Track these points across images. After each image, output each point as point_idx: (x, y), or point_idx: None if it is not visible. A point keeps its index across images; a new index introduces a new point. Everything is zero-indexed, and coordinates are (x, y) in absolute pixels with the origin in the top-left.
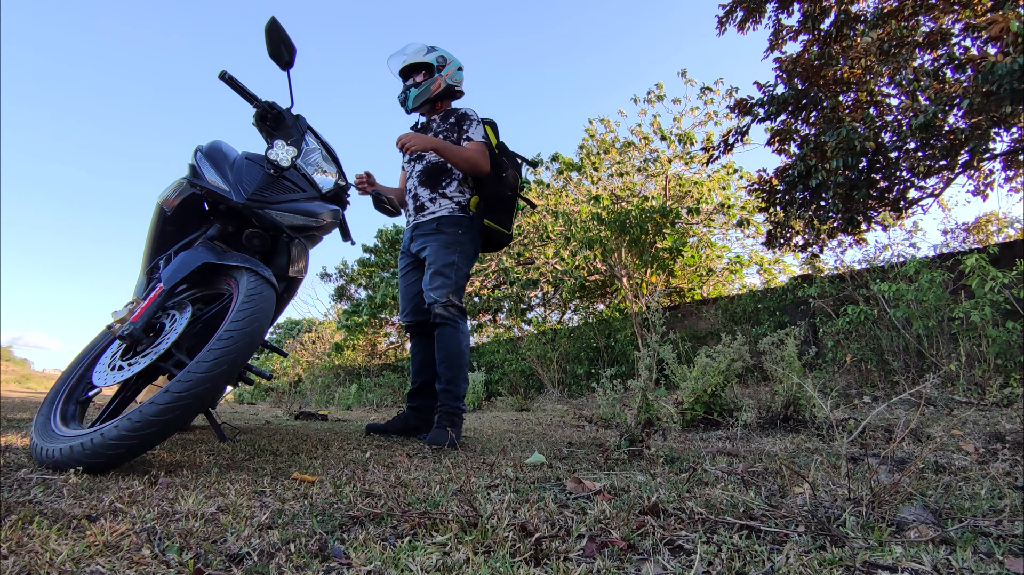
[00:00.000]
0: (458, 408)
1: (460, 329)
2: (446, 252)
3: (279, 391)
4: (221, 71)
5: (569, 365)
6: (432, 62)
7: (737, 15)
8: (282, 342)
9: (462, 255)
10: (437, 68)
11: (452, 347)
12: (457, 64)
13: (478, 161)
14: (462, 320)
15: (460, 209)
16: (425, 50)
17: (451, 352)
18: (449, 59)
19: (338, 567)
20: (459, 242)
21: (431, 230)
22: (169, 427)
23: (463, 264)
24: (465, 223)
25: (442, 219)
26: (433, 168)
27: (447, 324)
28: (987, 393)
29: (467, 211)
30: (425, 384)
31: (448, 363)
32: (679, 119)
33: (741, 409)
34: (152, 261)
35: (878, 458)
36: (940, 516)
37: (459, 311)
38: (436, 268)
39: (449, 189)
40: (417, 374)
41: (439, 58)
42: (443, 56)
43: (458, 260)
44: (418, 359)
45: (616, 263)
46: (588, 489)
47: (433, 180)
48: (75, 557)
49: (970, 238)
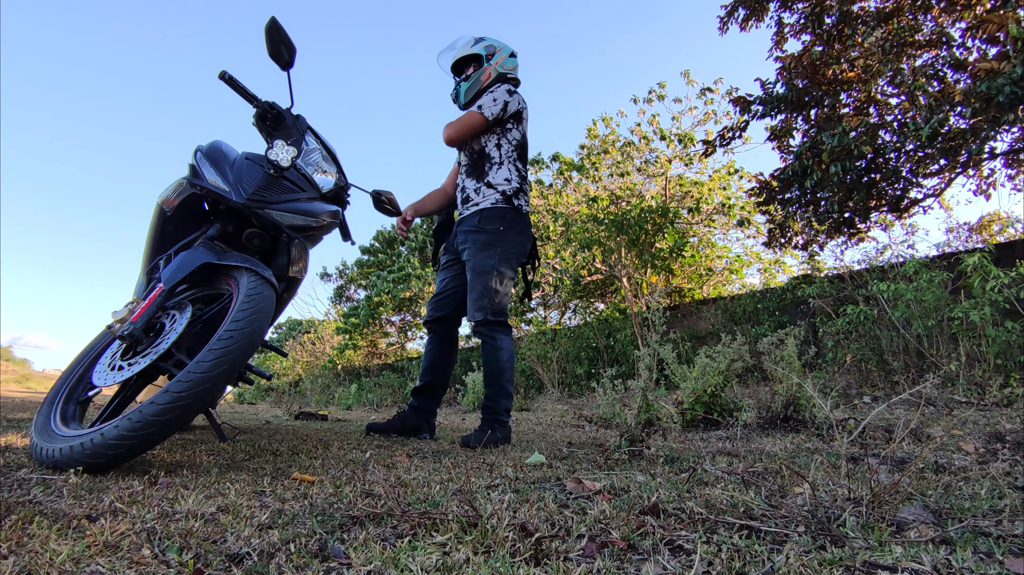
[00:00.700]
0: (499, 419)
1: (499, 345)
2: (485, 256)
3: (279, 391)
4: (221, 71)
5: (569, 365)
6: (481, 52)
7: (739, 13)
8: (283, 343)
9: (504, 256)
10: (486, 58)
11: (492, 364)
12: (508, 51)
13: (446, 128)
14: (502, 335)
15: (504, 199)
16: (473, 41)
17: (491, 369)
18: (499, 47)
19: (338, 567)
20: (500, 240)
21: (473, 226)
22: (169, 427)
23: (505, 267)
24: (510, 216)
25: (484, 212)
26: (476, 156)
27: (485, 341)
28: (987, 393)
29: (511, 202)
30: (429, 385)
31: (488, 380)
32: (679, 118)
33: (741, 409)
34: (152, 261)
35: (878, 458)
36: (940, 516)
37: (499, 326)
38: (474, 280)
39: (494, 177)
40: (424, 372)
41: (488, 47)
42: (492, 45)
43: (498, 263)
44: (428, 357)
45: (616, 263)
46: (588, 489)
47: (478, 169)
48: (75, 557)
49: (974, 237)
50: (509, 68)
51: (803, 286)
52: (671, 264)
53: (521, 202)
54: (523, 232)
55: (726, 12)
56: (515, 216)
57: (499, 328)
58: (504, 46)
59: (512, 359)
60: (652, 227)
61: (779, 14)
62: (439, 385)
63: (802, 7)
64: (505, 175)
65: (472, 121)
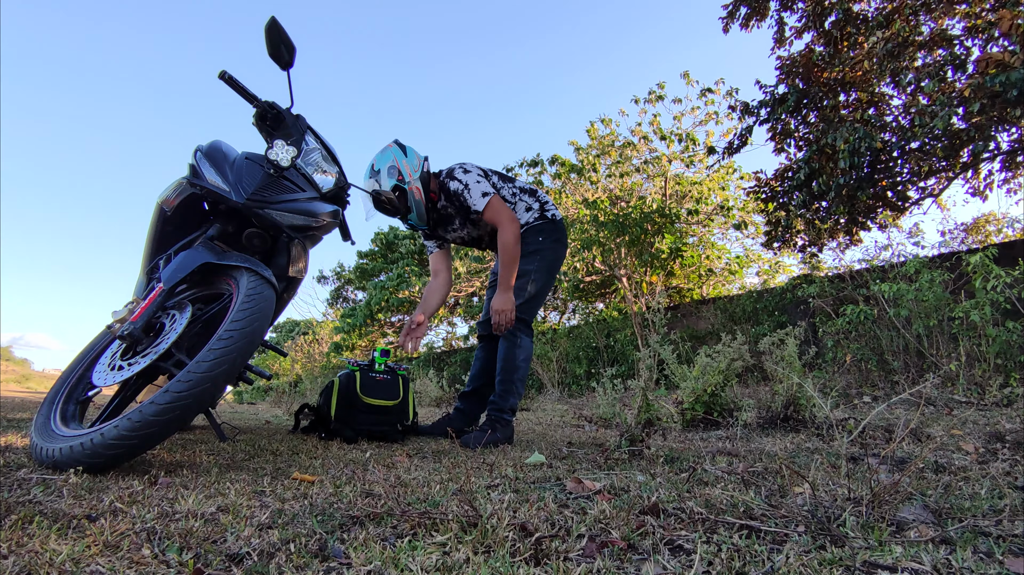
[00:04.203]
0: (503, 418)
1: (519, 343)
2: (525, 262)
3: (279, 391)
4: (221, 71)
5: (569, 365)
6: (392, 182)
7: (741, 13)
8: (281, 343)
9: (541, 263)
10: (399, 182)
11: (508, 361)
12: (399, 154)
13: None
14: (524, 335)
15: (540, 216)
16: (374, 182)
17: (506, 366)
18: (390, 159)
19: (338, 567)
20: (539, 250)
21: None
22: (169, 427)
23: (541, 275)
24: (547, 228)
25: (523, 231)
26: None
27: (506, 337)
28: (987, 393)
29: (545, 216)
30: (477, 390)
31: (502, 375)
32: (679, 118)
33: (741, 409)
34: (152, 261)
35: (878, 458)
36: (940, 516)
37: (523, 325)
38: None
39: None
40: (473, 378)
41: (390, 170)
42: (390, 166)
43: (536, 270)
44: (477, 364)
45: (616, 263)
46: (588, 489)
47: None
48: (75, 557)
49: (968, 238)
50: (417, 165)
51: (803, 286)
52: (671, 264)
53: (554, 211)
54: (559, 240)
55: (727, 12)
56: (552, 227)
57: (522, 327)
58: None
59: (528, 360)
60: (652, 228)
61: (780, 14)
62: (487, 393)
63: (803, 6)
64: (525, 206)
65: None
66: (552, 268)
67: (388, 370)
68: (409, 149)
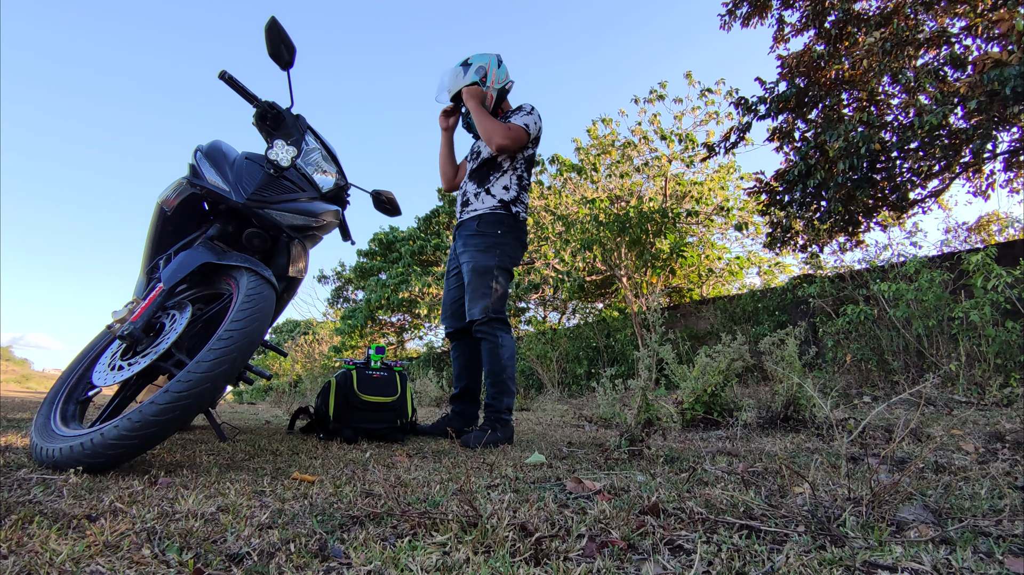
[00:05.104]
0: (501, 418)
1: (501, 343)
2: (485, 257)
3: (279, 391)
4: (221, 71)
5: (569, 365)
6: (474, 78)
7: (741, 10)
8: (281, 344)
9: (502, 258)
10: (481, 81)
11: (494, 363)
12: (495, 62)
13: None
14: (503, 332)
15: (503, 206)
16: (461, 72)
17: (493, 368)
18: (486, 62)
19: (338, 567)
20: (499, 244)
21: (472, 230)
22: (169, 427)
23: (503, 269)
24: (508, 221)
25: (483, 217)
26: (484, 161)
27: (486, 339)
28: (987, 393)
29: (509, 208)
30: (466, 389)
31: (491, 378)
32: (680, 117)
33: (741, 409)
34: (152, 261)
35: (878, 458)
36: (940, 516)
37: (500, 324)
38: (474, 279)
39: (495, 185)
40: (458, 379)
41: (478, 69)
42: (480, 66)
43: (497, 266)
44: (458, 364)
45: (616, 263)
46: (588, 489)
47: (482, 174)
48: (75, 557)
49: (972, 237)
50: (503, 80)
51: (803, 286)
52: (671, 264)
53: (519, 209)
54: (519, 239)
55: (728, 9)
56: (513, 222)
57: (500, 326)
58: (489, 58)
59: (513, 357)
60: (652, 227)
61: (781, 12)
62: (475, 389)
63: (803, 5)
64: (505, 183)
65: (520, 136)
66: (510, 268)
67: (385, 367)
68: (504, 67)
